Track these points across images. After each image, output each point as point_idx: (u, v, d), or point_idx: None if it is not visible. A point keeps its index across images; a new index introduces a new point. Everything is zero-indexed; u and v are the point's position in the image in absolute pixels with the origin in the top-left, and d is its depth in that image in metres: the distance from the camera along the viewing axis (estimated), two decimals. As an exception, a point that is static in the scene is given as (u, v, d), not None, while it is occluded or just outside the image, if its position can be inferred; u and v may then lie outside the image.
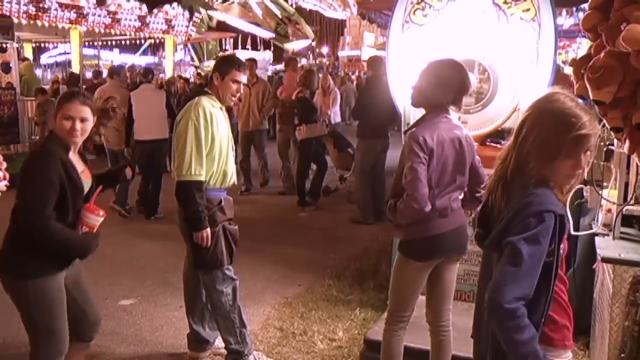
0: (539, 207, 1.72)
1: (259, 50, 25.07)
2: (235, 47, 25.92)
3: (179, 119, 3.34)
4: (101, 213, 2.75)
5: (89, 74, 16.12)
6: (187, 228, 3.40)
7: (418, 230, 2.81)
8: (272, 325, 4.21)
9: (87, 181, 2.79)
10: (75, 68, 15.73)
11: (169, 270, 5.34)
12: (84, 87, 12.38)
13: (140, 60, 23.57)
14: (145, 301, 4.70)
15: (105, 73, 14.79)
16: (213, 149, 3.31)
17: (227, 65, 3.41)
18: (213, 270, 3.45)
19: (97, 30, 15.06)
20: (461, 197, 2.88)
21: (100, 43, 18.58)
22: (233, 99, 3.45)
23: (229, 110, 3.62)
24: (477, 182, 2.83)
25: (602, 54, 2.39)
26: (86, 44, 16.74)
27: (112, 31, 15.43)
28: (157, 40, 19.50)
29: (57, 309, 2.74)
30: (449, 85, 2.74)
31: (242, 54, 23.09)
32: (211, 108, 3.31)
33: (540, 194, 1.75)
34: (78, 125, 2.67)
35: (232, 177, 3.50)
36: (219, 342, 3.77)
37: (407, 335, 3.05)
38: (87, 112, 2.68)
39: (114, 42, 19.51)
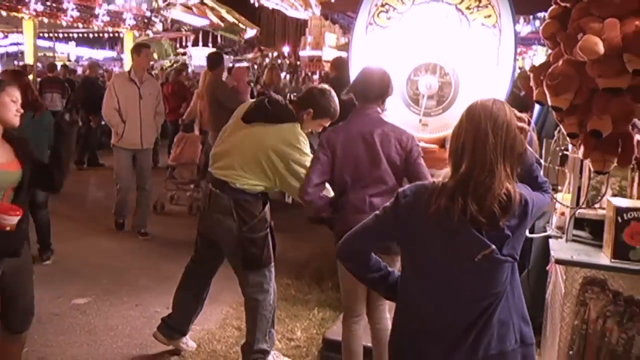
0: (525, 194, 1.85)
1: (220, 43, 24.79)
2: (195, 44, 25.58)
3: (286, 141, 3.25)
4: (17, 212, 2.63)
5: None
6: (241, 231, 3.34)
7: (340, 223, 2.93)
8: (230, 324, 4.19)
9: (10, 172, 2.70)
10: (29, 60, 15.24)
11: (126, 269, 5.25)
12: (39, 80, 12.02)
13: (98, 54, 23.08)
14: (100, 300, 4.59)
15: (59, 66, 14.42)
16: None
17: (323, 110, 3.34)
18: (263, 269, 3.44)
19: (47, 21, 14.55)
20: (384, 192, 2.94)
21: (55, 35, 18.08)
22: None
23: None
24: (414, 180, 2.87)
25: (560, 62, 2.46)
26: (40, 35, 16.24)
27: (63, 22, 14.91)
28: (116, 34, 19.08)
29: None
30: (374, 88, 3.02)
31: (202, 52, 22.83)
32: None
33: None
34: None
35: None
36: (186, 344, 3.78)
37: (367, 335, 3.09)
38: None
39: (70, 35, 19.02)
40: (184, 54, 24.11)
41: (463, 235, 1.79)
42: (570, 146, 2.90)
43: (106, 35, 19.33)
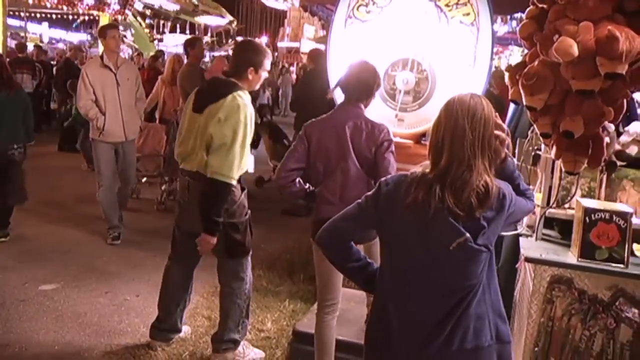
0: (504, 188, 1.86)
1: (197, 34, 24.55)
2: (172, 30, 25.30)
3: (224, 116, 3.18)
4: None
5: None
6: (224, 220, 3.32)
7: (315, 212, 3.00)
8: (200, 314, 4.17)
9: None
10: (-3, 39, 14.86)
11: (96, 256, 5.19)
12: (8, 60, 11.69)
13: (72, 37, 22.63)
14: (68, 286, 4.52)
15: (30, 47, 14.07)
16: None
17: (260, 56, 3.32)
18: (242, 257, 3.46)
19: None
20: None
21: (27, 14, 17.66)
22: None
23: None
24: (375, 175, 2.88)
25: (536, 63, 2.49)
26: (10, 13, 15.83)
27: (42, 3, 14.57)
28: (91, 17, 18.70)
29: None
30: (362, 86, 3.02)
31: (180, 39, 22.54)
32: (248, 103, 3.26)
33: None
34: None
35: (250, 163, 3.58)
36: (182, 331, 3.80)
37: (340, 327, 3.10)
38: None
39: (43, 15, 18.60)
40: (161, 40, 23.78)
41: (439, 224, 1.79)
42: (542, 146, 2.94)
43: (82, 17, 18.98)
